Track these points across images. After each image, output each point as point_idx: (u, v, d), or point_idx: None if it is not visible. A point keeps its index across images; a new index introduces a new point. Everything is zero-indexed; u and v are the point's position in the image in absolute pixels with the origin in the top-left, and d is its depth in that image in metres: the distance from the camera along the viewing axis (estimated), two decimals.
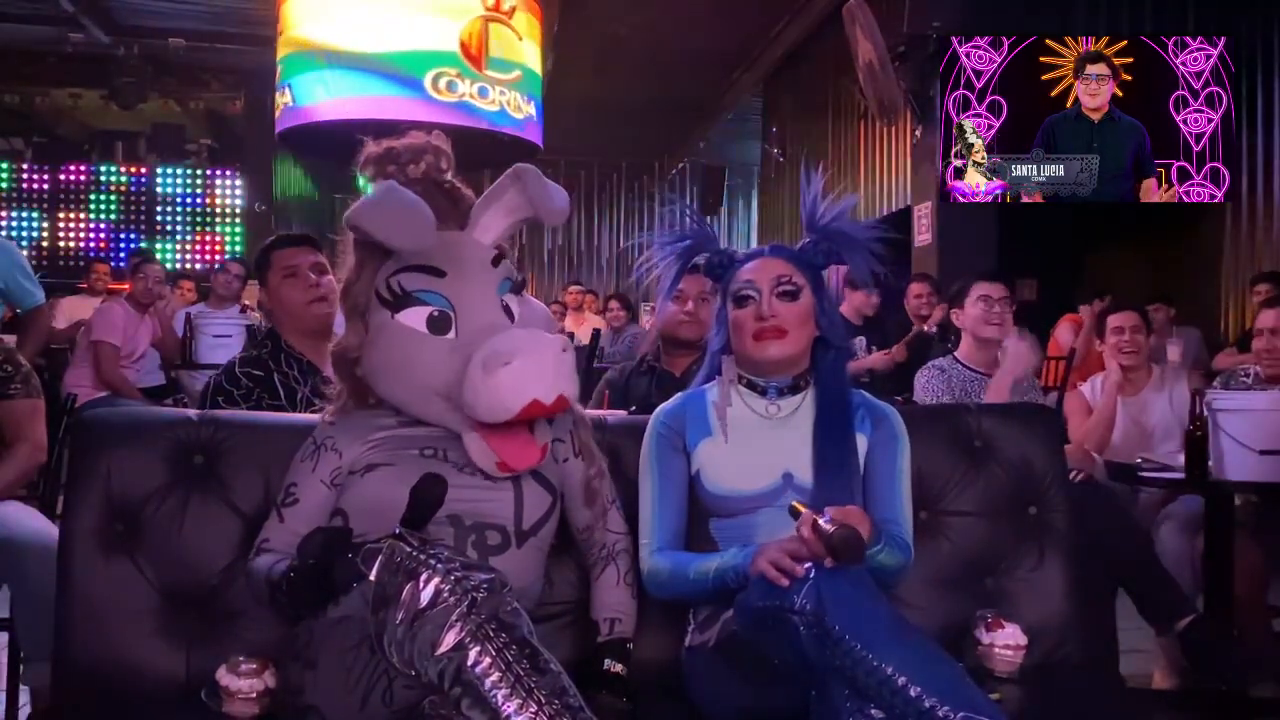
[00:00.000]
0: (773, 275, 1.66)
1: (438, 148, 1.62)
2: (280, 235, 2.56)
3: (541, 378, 1.43)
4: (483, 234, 1.57)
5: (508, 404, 1.42)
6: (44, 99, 10.63)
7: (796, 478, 1.63)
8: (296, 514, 1.54)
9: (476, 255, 1.56)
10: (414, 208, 1.47)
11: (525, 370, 1.42)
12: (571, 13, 8.82)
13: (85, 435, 1.74)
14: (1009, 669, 1.66)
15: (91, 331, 4.88)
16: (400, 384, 1.54)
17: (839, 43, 7.39)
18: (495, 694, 1.18)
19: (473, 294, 1.53)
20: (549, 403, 1.44)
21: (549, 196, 1.56)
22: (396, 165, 1.60)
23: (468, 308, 1.52)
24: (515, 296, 1.60)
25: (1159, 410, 3.36)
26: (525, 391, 1.42)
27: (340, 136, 8.18)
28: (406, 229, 1.47)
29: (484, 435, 1.48)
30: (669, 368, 2.87)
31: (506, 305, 1.57)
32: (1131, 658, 2.74)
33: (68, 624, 1.63)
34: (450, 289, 1.52)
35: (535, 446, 1.52)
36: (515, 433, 1.49)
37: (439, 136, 1.64)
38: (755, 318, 1.65)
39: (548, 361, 1.44)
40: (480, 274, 1.55)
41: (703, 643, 1.58)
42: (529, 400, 1.42)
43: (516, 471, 1.51)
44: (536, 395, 1.43)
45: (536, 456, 1.51)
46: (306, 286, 2.39)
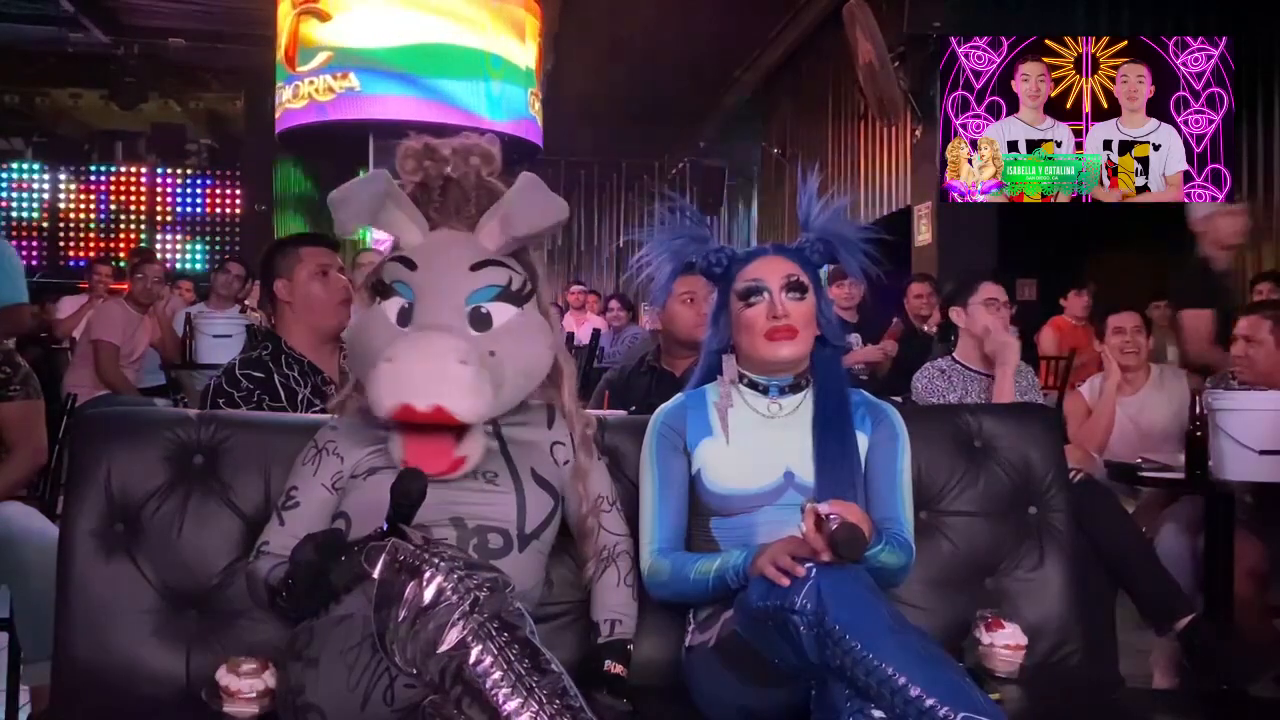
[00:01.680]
0: (782, 273, 1.66)
1: (486, 151, 1.60)
2: (308, 233, 2.56)
3: (414, 385, 1.40)
4: (487, 238, 1.56)
5: (383, 401, 1.42)
6: (44, 99, 10.65)
7: (798, 476, 1.63)
8: (297, 517, 1.54)
9: (456, 255, 1.54)
10: (347, 193, 1.51)
11: (398, 373, 1.41)
12: (571, 13, 8.82)
13: (85, 435, 1.74)
14: (1009, 669, 1.67)
15: (91, 331, 4.88)
16: (362, 370, 1.54)
17: (839, 43, 7.39)
18: (496, 693, 1.17)
19: (436, 292, 1.52)
20: (422, 409, 1.40)
21: (526, 202, 1.52)
22: (434, 162, 1.58)
23: (425, 304, 1.51)
24: (508, 306, 1.54)
25: (1158, 410, 3.36)
26: (397, 394, 1.41)
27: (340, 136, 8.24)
28: (340, 211, 1.51)
29: (403, 431, 1.48)
30: (669, 368, 2.87)
31: (481, 311, 1.52)
32: (1131, 658, 2.74)
33: (68, 624, 1.63)
34: (418, 282, 1.53)
35: (448, 456, 1.48)
36: (431, 436, 1.47)
37: (491, 140, 1.62)
38: (768, 316, 1.64)
39: (428, 370, 1.41)
40: (450, 273, 1.53)
41: (703, 643, 1.58)
42: (400, 403, 1.41)
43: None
44: (407, 400, 1.40)
45: (441, 469, 1.47)
46: (339, 287, 2.40)
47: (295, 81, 8.14)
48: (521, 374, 1.56)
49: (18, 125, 10.88)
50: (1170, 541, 2.86)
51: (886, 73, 6.72)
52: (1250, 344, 3.05)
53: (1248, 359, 3.04)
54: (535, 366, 1.59)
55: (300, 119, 8.24)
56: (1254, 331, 3.05)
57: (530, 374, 1.59)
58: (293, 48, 8.11)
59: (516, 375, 1.55)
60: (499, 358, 1.50)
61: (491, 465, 1.55)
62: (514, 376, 1.54)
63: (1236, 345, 3.09)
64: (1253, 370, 3.03)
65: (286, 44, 8.12)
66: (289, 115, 8.33)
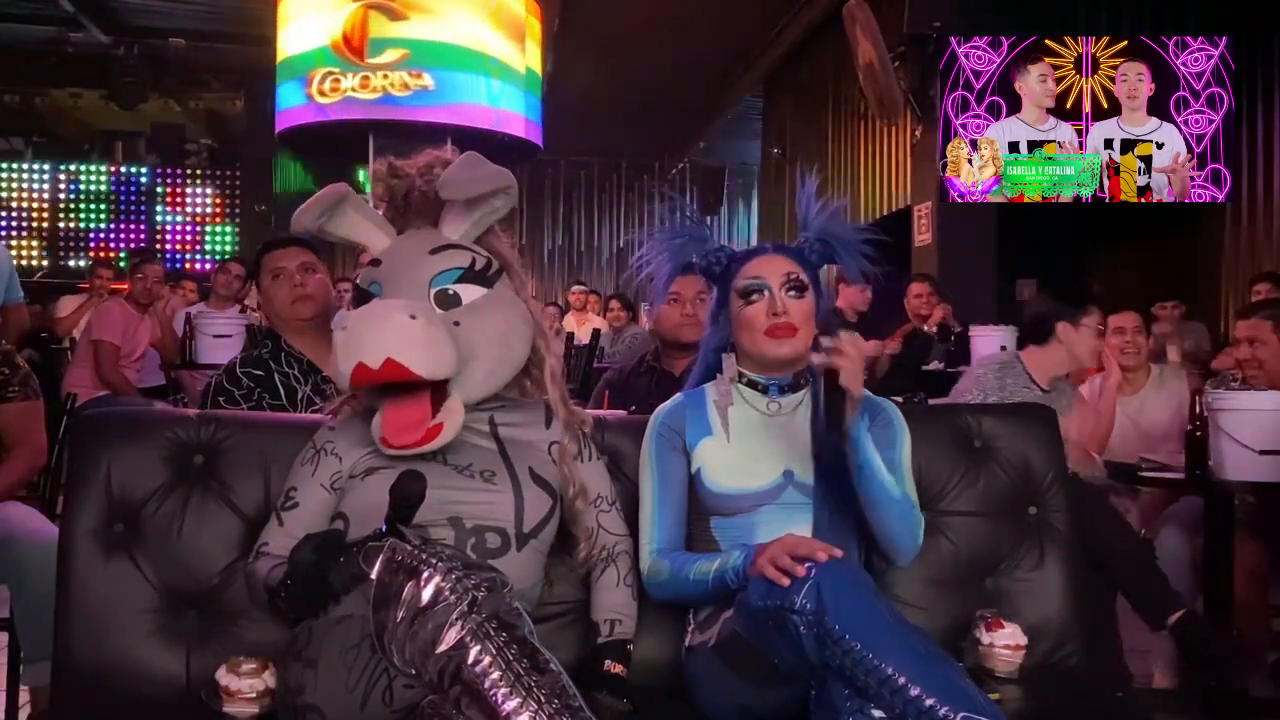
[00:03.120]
0: (782, 272, 1.66)
1: (448, 162, 1.64)
2: (271, 238, 2.61)
3: (363, 344, 1.43)
4: (449, 228, 1.62)
5: (341, 368, 1.45)
6: (44, 99, 10.63)
7: (797, 475, 1.63)
8: (296, 518, 1.54)
9: (418, 244, 1.60)
10: (309, 199, 1.62)
11: (348, 337, 1.44)
12: (571, 13, 8.82)
13: (85, 435, 1.74)
14: (1009, 669, 1.66)
15: (91, 331, 4.88)
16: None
17: (839, 43, 7.39)
18: (495, 693, 1.17)
19: (399, 279, 1.57)
20: (374, 366, 1.42)
21: (458, 169, 1.57)
22: (399, 180, 1.66)
23: (391, 292, 1.55)
24: (475, 287, 1.58)
25: (1158, 410, 3.36)
26: (350, 355, 1.44)
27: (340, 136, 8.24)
28: (296, 214, 1.62)
29: (383, 407, 1.51)
30: (668, 368, 2.87)
31: (448, 292, 1.56)
32: (1131, 658, 2.74)
33: (68, 624, 1.62)
34: (383, 275, 1.58)
35: (422, 428, 1.49)
36: (406, 406, 1.49)
37: (454, 153, 1.66)
38: (768, 313, 1.64)
39: (375, 328, 1.44)
40: (413, 260, 1.58)
41: (703, 643, 1.58)
42: (354, 364, 1.43)
43: (395, 447, 1.49)
44: (360, 359, 1.43)
45: (417, 438, 1.48)
46: (291, 286, 2.45)
47: (365, 73, 8.10)
48: (494, 344, 1.57)
49: (18, 125, 10.87)
50: (1170, 541, 2.86)
51: (887, 73, 6.72)
52: (1255, 345, 3.04)
53: (1255, 361, 3.03)
54: (507, 337, 1.60)
55: (302, 118, 8.24)
56: (1256, 333, 3.05)
57: (505, 344, 1.59)
58: (359, 38, 8.09)
59: (489, 346, 1.56)
60: (465, 328, 1.53)
61: (489, 464, 1.55)
62: (486, 347, 1.56)
63: (1240, 349, 3.08)
64: (1262, 370, 3.02)
65: (347, 32, 8.07)
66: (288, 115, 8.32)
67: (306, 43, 8.24)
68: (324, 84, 8.11)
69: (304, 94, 8.16)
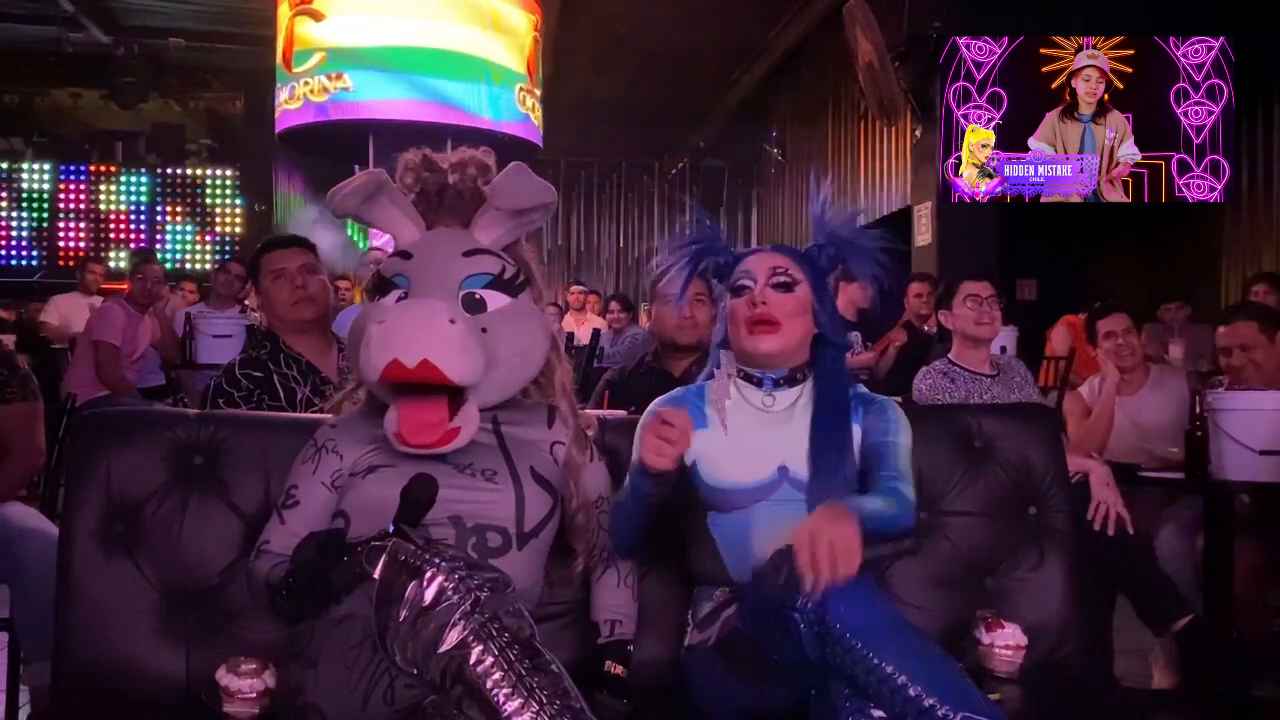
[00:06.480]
0: (769, 266, 1.67)
1: (483, 163, 1.66)
2: (270, 238, 2.61)
3: (402, 340, 1.43)
4: (481, 232, 1.61)
5: (373, 361, 1.45)
6: (44, 99, 10.64)
7: (792, 471, 1.62)
8: (297, 516, 1.54)
9: (451, 245, 1.60)
10: (343, 184, 1.59)
11: (387, 331, 1.44)
12: (571, 13, 8.82)
13: (85, 435, 1.74)
14: (1009, 669, 1.66)
15: (91, 331, 4.87)
16: (356, 354, 1.55)
17: (839, 43, 7.39)
18: (497, 693, 1.18)
19: (429, 277, 1.56)
20: (410, 365, 1.42)
21: (511, 180, 1.57)
22: (433, 173, 1.65)
23: (420, 290, 1.55)
24: (501, 295, 1.58)
25: (1157, 410, 3.36)
26: (386, 350, 1.43)
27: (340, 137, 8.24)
28: (332, 199, 1.60)
29: (399, 404, 1.50)
30: (668, 368, 2.87)
31: (475, 297, 1.56)
32: (1131, 658, 2.74)
33: (68, 624, 1.63)
34: (413, 270, 1.57)
35: (440, 429, 1.48)
36: (426, 406, 1.48)
37: (486, 152, 1.67)
38: (748, 305, 1.65)
39: (416, 327, 1.44)
40: (445, 260, 1.58)
41: (703, 642, 1.58)
42: (389, 359, 1.43)
43: (414, 447, 1.48)
44: (396, 355, 1.43)
45: (435, 438, 1.48)
46: (293, 288, 2.44)
47: (291, 83, 8.12)
48: (516, 355, 1.58)
49: (18, 125, 10.87)
50: (1170, 542, 2.86)
51: (887, 72, 6.72)
52: (1246, 350, 3.04)
53: (1252, 365, 3.03)
54: (529, 350, 1.61)
55: (299, 119, 8.23)
56: (1244, 337, 3.04)
57: (525, 356, 1.60)
58: (289, 49, 8.10)
59: (511, 356, 1.56)
60: (491, 335, 1.53)
61: (491, 463, 1.55)
62: (508, 357, 1.56)
63: (1233, 356, 3.08)
64: (1258, 373, 3.02)
65: (284, 46, 8.10)
66: (286, 116, 8.32)
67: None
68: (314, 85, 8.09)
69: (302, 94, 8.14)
